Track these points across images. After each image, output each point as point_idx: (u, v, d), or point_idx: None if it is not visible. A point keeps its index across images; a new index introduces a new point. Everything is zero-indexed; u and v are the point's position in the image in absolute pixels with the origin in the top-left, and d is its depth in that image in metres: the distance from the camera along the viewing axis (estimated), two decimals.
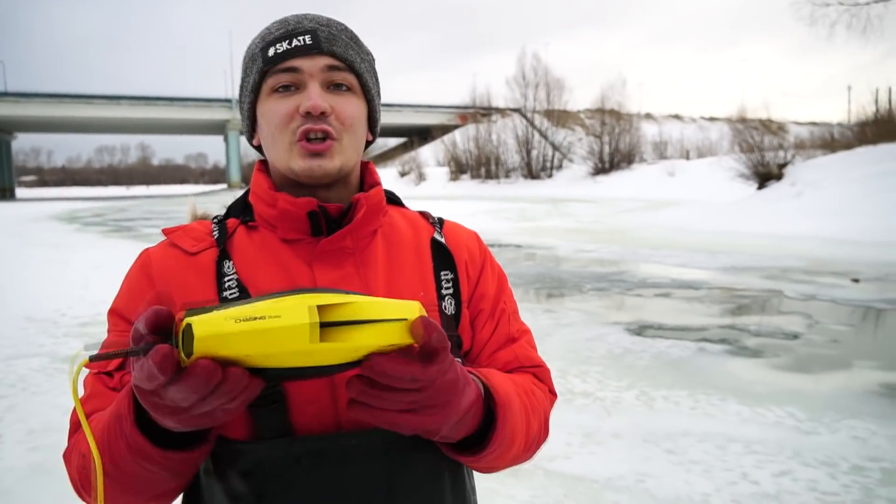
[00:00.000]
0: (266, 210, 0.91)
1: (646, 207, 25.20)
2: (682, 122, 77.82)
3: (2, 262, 11.53)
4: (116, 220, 23.41)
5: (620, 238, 14.90)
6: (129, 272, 0.91)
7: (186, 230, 0.92)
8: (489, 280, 1.00)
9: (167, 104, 60.01)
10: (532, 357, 0.98)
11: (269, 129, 0.88)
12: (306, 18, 0.89)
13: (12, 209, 33.26)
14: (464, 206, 28.28)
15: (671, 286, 8.40)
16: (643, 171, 43.45)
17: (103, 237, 16.58)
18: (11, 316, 6.65)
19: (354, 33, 0.93)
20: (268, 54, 0.86)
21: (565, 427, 3.67)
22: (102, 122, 65.85)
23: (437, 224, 1.02)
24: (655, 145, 53.04)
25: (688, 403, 4.08)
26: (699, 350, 5.32)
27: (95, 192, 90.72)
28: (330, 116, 0.85)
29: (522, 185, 48.03)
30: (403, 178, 56.50)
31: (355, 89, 0.89)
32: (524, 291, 8.27)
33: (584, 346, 5.49)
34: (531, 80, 54.06)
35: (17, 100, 56.71)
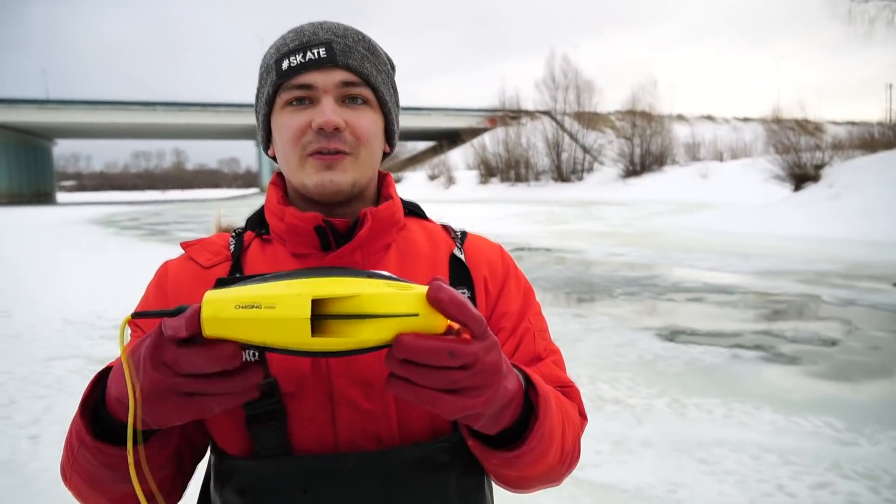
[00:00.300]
0: (276, 224, 0.91)
1: (678, 210, 24.84)
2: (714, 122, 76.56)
3: (41, 264, 11.84)
4: (151, 224, 23.88)
5: (652, 241, 14.70)
6: (149, 284, 0.93)
7: (205, 244, 0.93)
8: (512, 296, 0.95)
9: (200, 109, 61.06)
10: (559, 377, 0.93)
11: (281, 143, 0.87)
12: (322, 28, 0.87)
13: (52, 213, 34.18)
14: (493, 209, 28.22)
15: (704, 290, 8.25)
16: (675, 173, 42.88)
17: (139, 241, 16.92)
18: (49, 318, 6.81)
19: (372, 43, 0.90)
20: (282, 67, 0.85)
21: (594, 435, 3.61)
22: (138, 128, 67.25)
23: (459, 238, 0.98)
24: (687, 147, 52.27)
25: (721, 411, 3.99)
26: (733, 356, 5.20)
27: (132, 196, 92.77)
28: (344, 132, 0.84)
29: (552, 187, 47.75)
30: (433, 181, 56.61)
31: (371, 102, 0.88)
32: (554, 296, 8.20)
33: (615, 351, 5.42)
34: (560, 83, 53.81)
35: (58, 107, 58.26)
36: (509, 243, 14.63)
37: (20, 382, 4.63)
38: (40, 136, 68.96)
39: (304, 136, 0.84)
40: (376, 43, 0.91)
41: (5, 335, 6.13)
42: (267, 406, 0.79)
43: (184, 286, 0.88)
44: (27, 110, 57.16)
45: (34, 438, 3.61)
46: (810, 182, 18.98)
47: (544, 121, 53.19)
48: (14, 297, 8.22)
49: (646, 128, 46.71)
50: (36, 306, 7.54)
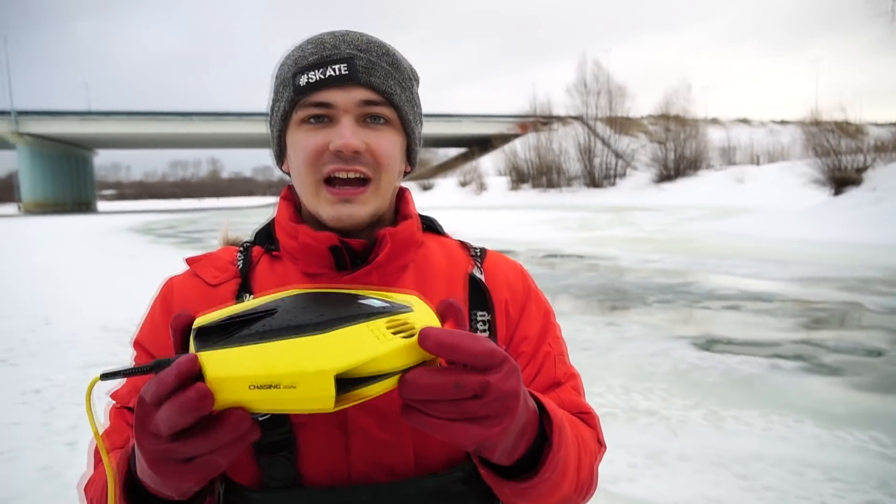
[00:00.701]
0: (288, 242, 0.87)
1: (713, 215, 24.40)
2: (750, 126, 75.19)
3: (82, 272, 12.14)
4: (187, 233, 24.35)
5: (686, 247, 14.45)
6: (154, 302, 0.89)
7: (211, 259, 0.90)
8: (532, 319, 0.92)
9: (236, 119, 62.10)
10: (578, 403, 0.90)
11: (296, 163, 0.83)
12: (344, 41, 0.82)
13: (93, 221, 35.07)
14: (524, 215, 28.10)
15: (740, 298, 8.06)
16: (710, 177, 42.19)
17: (175, 248, 17.24)
18: (88, 325, 6.96)
19: (397, 56, 0.85)
20: (299, 83, 0.80)
21: (628, 447, 3.54)
22: (176, 138, 68.70)
23: (478, 257, 0.94)
24: (723, 151, 51.39)
25: (760, 424, 3.87)
26: (772, 367, 5.06)
27: (169, 204, 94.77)
28: (363, 155, 0.80)
29: (584, 193, 47.39)
30: (464, 188, 56.64)
31: (393, 122, 0.83)
32: (586, 303, 8.10)
33: (648, 361, 5.31)
34: (592, 88, 53.50)
35: (99, 118, 59.89)
36: (540, 250, 14.52)
37: (60, 389, 4.72)
38: (82, 147, 70.94)
39: (321, 158, 0.80)
40: (401, 56, 0.87)
41: (46, 342, 6.28)
42: (276, 436, 0.76)
43: (190, 304, 0.84)
44: (70, 122, 58.89)
45: (71, 445, 3.67)
46: (851, 186, 18.48)
47: (576, 126, 52.90)
48: (55, 304, 8.43)
49: (679, 132, 46.10)
50: (75, 314, 7.71)
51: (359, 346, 0.55)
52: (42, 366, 5.42)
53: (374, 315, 0.59)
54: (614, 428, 3.84)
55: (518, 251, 14.47)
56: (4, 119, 56.33)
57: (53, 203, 59.84)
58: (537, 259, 13.09)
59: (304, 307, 0.59)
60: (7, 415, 4.21)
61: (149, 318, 0.88)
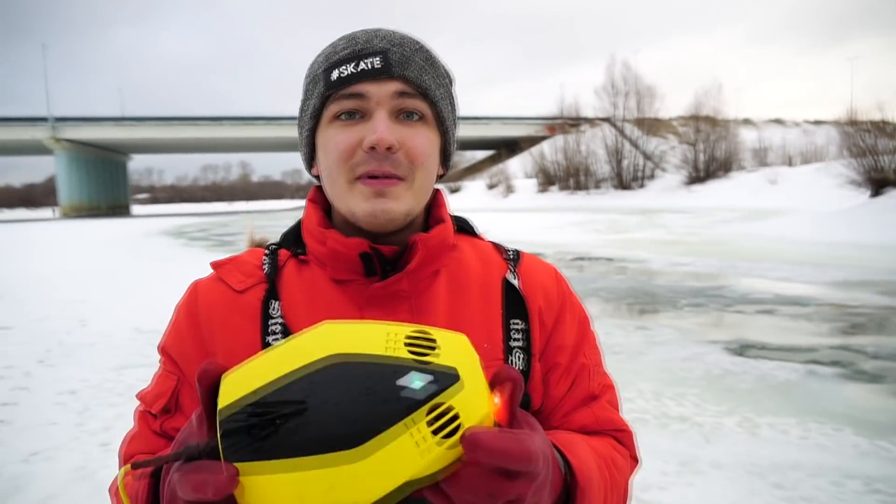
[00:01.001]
0: (316, 247, 0.83)
1: (745, 217, 23.97)
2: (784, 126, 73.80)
3: (116, 274, 12.38)
4: (219, 235, 24.70)
5: (718, 250, 14.21)
6: (178, 307, 0.87)
7: (237, 263, 0.87)
8: (568, 328, 0.87)
9: (265, 123, 62.91)
10: (614, 420, 0.86)
11: (327, 163, 0.80)
12: (377, 36, 0.79)
13: (127, 225, 35.80)
14: (552, 217, 27.93)
15: (775, 302, 7.89)
16: (742, 179, 41.50)
17: (206, 251, 17.49)
18: (122, 327, 7.08)
19: (431, 53, 0.82)
20: (331, 78, 0.77)
21: (660, 454, 3.47)
22: (207, 142, 69.93)
23: (513, 261, 0.90)
24: (755, 152, 50.52)
25: (797, 432, 3.77)
26: (808, 373, 4.93)
27: (201, 207, 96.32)
28: (398, 153, 0.76)
29: (613, 195, 46.97)
30: (491, 190, 56.56)
31: (428, 119, 0.80)
32: (615, 307, 8.00)
33: (680, 366, 5.22)
34: (621, 89, 53.06)
35: (133, 124, 61.27)
36: (569, 252, 14.41)
37: (94, 390, 4.81)
38: (117, 152, 72.56)
39: (354, 156, 0.76)
40: (435, 54, 0.84)
41: (82, 343, 6.41)
42: None
43: (215, 312, 0.82)
44: (105, 127, 60.37)
45: (105, 446, 3.73)
46: (890, 187, 18.00)
47: (604, 128, 52.49)
48: (91, 306, 8.60)
49: (710, 133, 45.42)
50: (110, 315, 7.86)
51: (398, 468, 0.52)
52: (77, 367, 5.53)
53: (416, 407, 0.53)
54: (645, 434, 3.78)
55: (546, 254, 14.37)
56: (43, 125, 57.94)
57: (89, 207, 61.31)
58: (566, 262, 12.99)
59: (336, 402, 0.52)
60: (44, 415, 4.29)
61: (173, 325, 0.86)
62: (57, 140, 57.84)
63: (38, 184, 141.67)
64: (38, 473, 3.39)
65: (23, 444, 3.80)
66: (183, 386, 0.81)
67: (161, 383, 0.83)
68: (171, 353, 0.83)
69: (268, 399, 0.52)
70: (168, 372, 0.83)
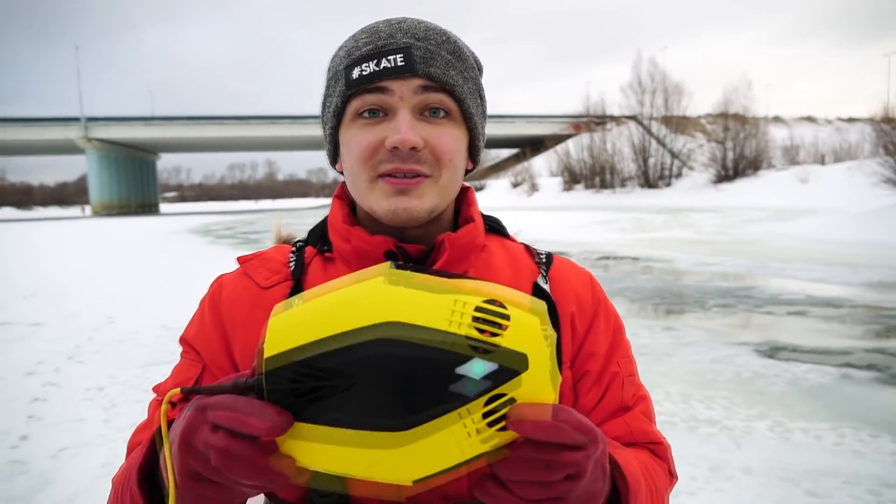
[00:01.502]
0: (341, 244, 0.82)
1: (775, 217, 23.54)
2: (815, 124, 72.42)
3: (145, 272, 12.56)
4: (245, 234, 24.96)
5: (747, 250, 13.96)
6: (203, 300, 0.86)
7: (263, 259, 0.86)
8: (600, 335, 0.84)
9: (290, 122, 63.40)
10: (648, 431, 0.82)
11: (350, 161, 0.77)
12: (400, 30, 0.75)
13: (156, 223, 36.36)
14: (577, 216, 27.71)
15: (807, 303, 7.71)
16: (771, 177, 40.77)
17: (232, 249, 17.67)
18: (150, 324, 7.17)
19: (458, 44, 0.79)
20: (352, 76, 0.75)
21: (688, 458, 3.40)
22: (234, 141, 70.73)
23: (544, 264, 0.86)
24: (785, 150, 49.55)
25: (831, 438, 3.66)
26: (843, 377, 4.80)
27: (227, 206, 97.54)
28: (422, 151, 0.73)
29: (639, 194, 46.48)
30: (516, 189, 56.37)
31: (454, 115, 0.77)
32: (641, 307, 7.89)
33: (708, 368, 5.12)
34: (648, 86, 52.38)
35: (162, 123, 62.20)
36: (594, 251, 14.27)
37: (121, 387, 4.86)
38: (146, 151, 73.81)
39: (376, 155, 0.74)
40: (462, 43, 0.80)
41: (110, 340, 6.50)
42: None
43: (239, 307, 0.81)
44: (135, 127, 61.41)
45: None
46: None
47: (630, 126, 51.95)
48: (119, 303, 8.73)
49: (739, 131, 44.69)
50: (138, 313, 7.96)
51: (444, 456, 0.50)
52: (106, 363, 5.60)
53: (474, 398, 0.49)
54: (673, 438, 3.69)
55: (571, 253, 14.25)
56: (75, 125, 59.14)
57: (119, 205, 62.45)
58: (591, 261, 12.86)
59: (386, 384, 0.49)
60: (73, 411, 4.35)
61: (197, 317, 0.85)
62: (88, 140, 59.00)
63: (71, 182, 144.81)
64: (67, 469, 3.43)
65: (52, 439, 3.85)
66: (206, 375, 0.80)
67: (182, 372, 0.82)
68: (192, 344, 0.83)
69: (315, 363, 0.49)
70: (191, 360, 0.82)
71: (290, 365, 0.49)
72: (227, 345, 0.80)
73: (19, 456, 3.62)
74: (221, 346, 0.80)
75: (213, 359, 0.80)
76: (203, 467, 0.52)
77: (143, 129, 61.47)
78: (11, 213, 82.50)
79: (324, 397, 0.49)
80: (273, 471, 0.50)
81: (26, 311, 8.25)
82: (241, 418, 0.48)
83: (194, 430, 0.51)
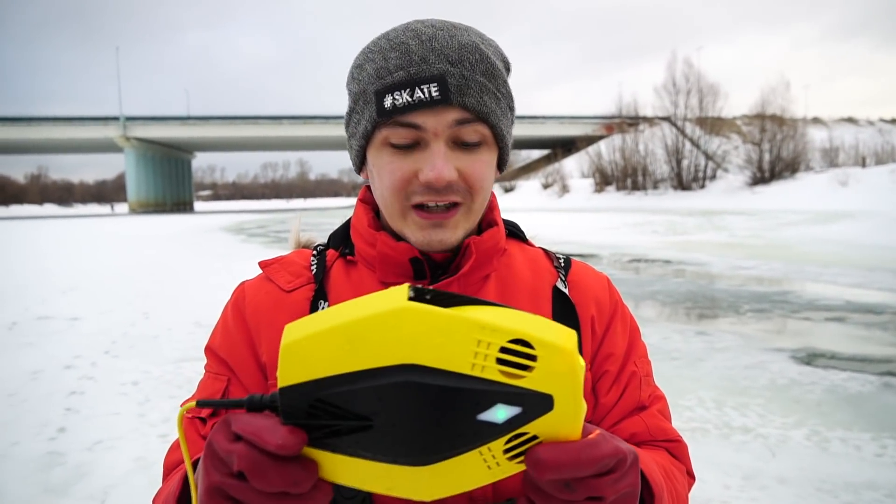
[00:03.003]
0: (365, 249, 0.82)
1: (813, 220, 22.97)
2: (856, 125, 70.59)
3: (179, 269, 12.78)
4: (276, 232, 25.26)
5: (783, 254, 13.65)
6: (226, 308, 0.86)
7: (284, 263, 0.86)
8: (618, 336, 0.85)
9: (323, 122, 64.00)
10: (666, 430, 0.83)
11: (381, 187, 0.77)
12: (433, 51, 0.72)
13: (191, 221, 37.03)
14: (608, 218, 27.43)
15: (846, 309, 7.50)
16: (809, 180, 39.79)
17: (264, 247, 17.89)
18: (183, 321, 7.29)
19: (491, 61, 0.75)
20: (384, 104, 0.72)
21: (722, 466, 3.33)
22: (267, 141, 71.71)
23: (563, 269, 0.88)
24: (824, 152, 48.38)
25: (871, 449, 3.55)
26: (884, 385, 4.65)
27: (260, 205, 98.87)
28: (455, 183, 0.74)
29: (671, 196, 45.79)
30: (546, 190, 56.04)
31: (488, 141, 0.76)
32: (672, 311, 7.77)
33: (743, 374, 5.01)
34: (682, 87, 51.57)
35: (198, 122, 63.34)
36: (625, 254, 14.11)
37: (155, 382, 4.95)
38: (182, 150, 75.26)
39: (409, 186, 0.75)
40: (491, 54, 0.77)
41: (145, 336, 6.62)
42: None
43: (263, 311, 0.82)
44: (171, 126, 62.69)
45: (163, 437, 3.82)
46: None
47: (663, 127, 51.23)
48: (154, 300, 8.90)
49: (776, 132, 43.74)
50: (172, 309, 8.10)
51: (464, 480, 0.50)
52: (140, 358, 5.71)
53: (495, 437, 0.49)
54: (706, 445, 3.63)
55: (601, 255, 14.10)
56: (115, 124, 60.56)
57: (155, 203, 63.79)
58: (622, 264, 12.72)
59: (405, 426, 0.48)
60: (108, 405, 4.44)
61: (221, 324, 0.85)
62: (127, 138, 60.39)
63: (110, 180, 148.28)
64: (101, 462, 3.50)
65: (88, 432, 3.93)
66: (232, 386, 0.80)
67: (208, 387, 0.82)
68: (218, 353, 0.83)
69: (332, 400, 0.48)
70: (215, 374, 0.82)
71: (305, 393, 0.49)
72: (253, 349, 0.81)
73: (57, 448, 3.71)
74: (248, 351, 0.81)
75: (240, 365, 0.80)
76: (226, 480, 0.51)
77: (179, 129, 62.68)
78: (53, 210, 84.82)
79: (340, 433, 0.49)
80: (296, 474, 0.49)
81: (65, 306, 8.46)
82: (257, 431, 0.48)
83: (218, 439, 0.51)
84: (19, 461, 3.52)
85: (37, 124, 61.42)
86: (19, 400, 4.58)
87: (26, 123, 61.16)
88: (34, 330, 7.01)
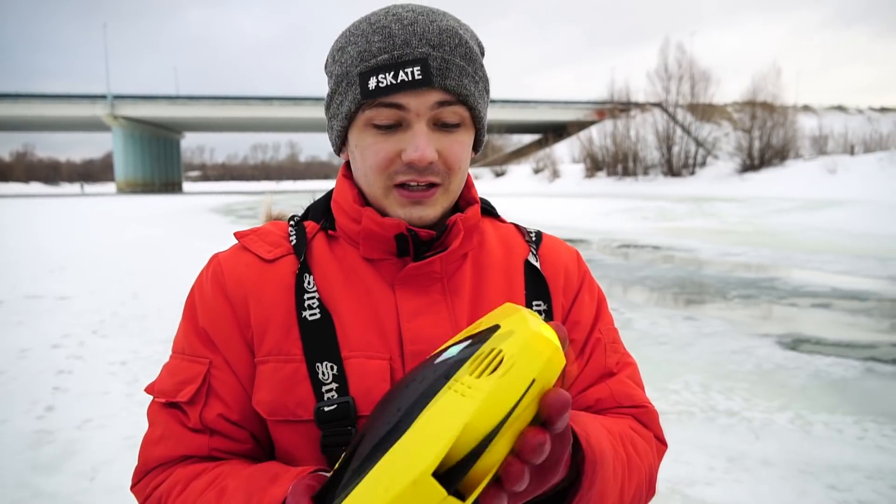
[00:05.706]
0: (349, 225, 0.83)
1: (801, 207, 23.13)
2: (846, 113, 70.83)
3: (168, 249, 12.71)
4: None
5: (771, 241, 13.76)
6: (201, 283, 0.83)
7: (261, 234, 0.85)
8: (585, 305, 0.88)
9: (314, 104, 63.41)
10: (632, 395, 0.84)
11: (363, 166, 0.79)
12: (415, 35, 0.74)
13: (179, 201, 36.75)
14: (598, 204, 27.47)
15: (832, 296, 7.59)
16: (798, 167, 39.99)
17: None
18: (172, 301, 7.26)
19: (469, 46, 0.78)
20: (367, 86, 0.74)
21: (707, 448, 3.38)
22: (257, 122, 70.98)
23: (534, 242, 0.90)
24: (814, 140, 48.57)
25: (853, 432, 3.61)
26: (867, 370, 4.72)
27: (249, 186, 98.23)
28: (435, 163, 0.76)
29: (662, 182, 45.92)
30: (537, 175, 56.01)
31: (466, 122, 0.79)
32: (661, 296, 7.83)
33: (729, 358, 5.07)
34: (674, 73, 51.50)
35: (186, 102, 62.59)
36: (615, 240, 14.16)
37: (144, 362, 4.95)
38: (170, 130, 74.46)
39: (392, 166, 0.77)
40: (469, 38, 0.79)
41: (134, 315, 6.60)
42: (342, 429, 0.73)
43: (246, 283, 0.80)
44: (160, 105, 61.91)
45: None
46: None
47: (655, 113, 51.20)
48: (143, 279, 8.86)
49: (766, 119, 43.86)
50: (161, 289, 8.07)
51: (444, 423, 0.47)
52: (129, 337, 5.69)
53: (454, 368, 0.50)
54: (692, 427, 3.68)
55: (591, 241, 14.15)
56: (102, 102, 59.77)
57: (143, 183, 63.22)
58: (611, 249, 12.77)
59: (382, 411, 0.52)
60: (97, 384, 4.43)
61: (199, 300, 0.82)
62: (115, 117, 59.64)
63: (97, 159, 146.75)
64: (91, 440, 3.51)
65: (77, 411, 3.93)
66: (215, 369, 0.78)
67: (184, 370, 0.79)
68: (205, 331, 0.80)
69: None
70: (192, 357, 0.79)
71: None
72: (238, 324, 0.78)
73: (46, 426, 3.70)
74: (233, 326, 0.78)
75: (226, 342, 0.78)
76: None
77: (167, 108, 61.94)
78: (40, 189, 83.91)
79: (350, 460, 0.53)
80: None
81: (54, 285, 8.41)
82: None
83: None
84: (8, 439, 3.52)
85: (23, 101, 60.47)
86: (8, 378, 4.56)
87: (12, 100, 60.21)
88: (22, 308, 6.96)
